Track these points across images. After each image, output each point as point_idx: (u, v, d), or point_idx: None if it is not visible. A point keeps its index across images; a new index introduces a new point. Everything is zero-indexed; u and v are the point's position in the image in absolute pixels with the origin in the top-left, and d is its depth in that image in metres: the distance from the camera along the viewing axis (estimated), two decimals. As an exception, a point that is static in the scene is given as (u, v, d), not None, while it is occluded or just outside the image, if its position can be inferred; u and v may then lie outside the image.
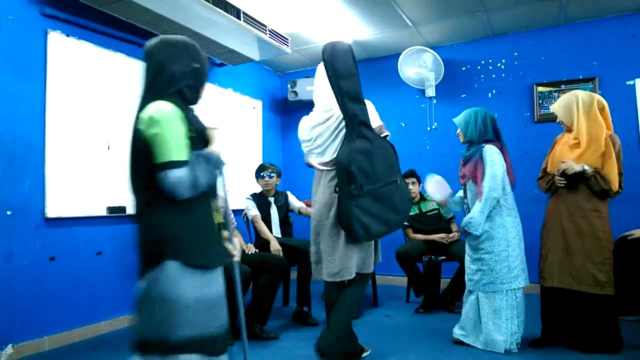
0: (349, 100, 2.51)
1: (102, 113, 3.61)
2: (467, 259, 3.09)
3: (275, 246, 3.69)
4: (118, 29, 3.74)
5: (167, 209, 1.58)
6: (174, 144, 1.53)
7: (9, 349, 2.95)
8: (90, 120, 3.52)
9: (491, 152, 2.92)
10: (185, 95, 1.67)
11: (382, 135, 2.64)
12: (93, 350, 3.20)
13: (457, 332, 3.10)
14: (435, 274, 4.04)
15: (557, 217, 2.88)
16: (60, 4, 3.34)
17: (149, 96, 1.62)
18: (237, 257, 1.94)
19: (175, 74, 1.63)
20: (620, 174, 2.81)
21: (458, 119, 3.14)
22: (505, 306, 2.90)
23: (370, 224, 2.48)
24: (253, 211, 3.90)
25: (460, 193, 3.27)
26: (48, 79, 3.24)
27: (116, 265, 3.71)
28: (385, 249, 4.54)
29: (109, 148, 3.65)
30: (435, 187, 3.47)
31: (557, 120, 2.97)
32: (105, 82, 3.65)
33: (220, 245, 1.75)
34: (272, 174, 3.95)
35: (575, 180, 2.80)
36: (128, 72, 3.84)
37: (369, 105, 2.65)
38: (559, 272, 2.83)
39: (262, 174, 3.95)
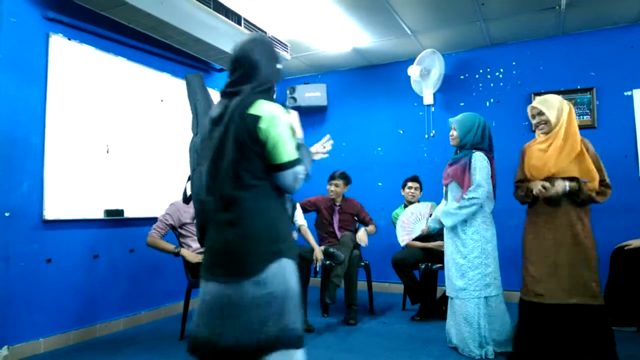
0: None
1: (102, 116, 3.62)
2: (448, 264, 3.11)
3: (318, 255, 3.79)
4: (119, 33, 3.77)
5: (272, 205, 1.63)
6: (292, 142, 1.62)
7: (4, 351, 2.94)
8: (90, 123, 3.53)
9: (481, 159, 2.98)
10: (271, 93, 1.73)
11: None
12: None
13: (451, 340, 3.13)
14: (432, 281, 4.03)
15: (540, 228, 2.70)
16: (63, 7, 3.36)
17: (251, 94, 1.63)
18: None
19: (269, 72, 1.69)
20: (600, 170, 2.65)
21: (458, 121, 3.14)
22: (477, 313, 2.91)
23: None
24: (300, 220, 4.00)
25: (440, 208, 3.25)
26: (49, 81, 3.26)
27: (113, 268, 3.72)
28: (382, 256, 4.60)
29: (108, 151, 3.66)
30: (400, 232, 4.08)
31: (540, 120, 2.73)
32: (106, 85, 3.67)
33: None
34: None
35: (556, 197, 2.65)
36: (128, 76, 3.87)
37: None
38: (550, 288, 2.59)
39: None
